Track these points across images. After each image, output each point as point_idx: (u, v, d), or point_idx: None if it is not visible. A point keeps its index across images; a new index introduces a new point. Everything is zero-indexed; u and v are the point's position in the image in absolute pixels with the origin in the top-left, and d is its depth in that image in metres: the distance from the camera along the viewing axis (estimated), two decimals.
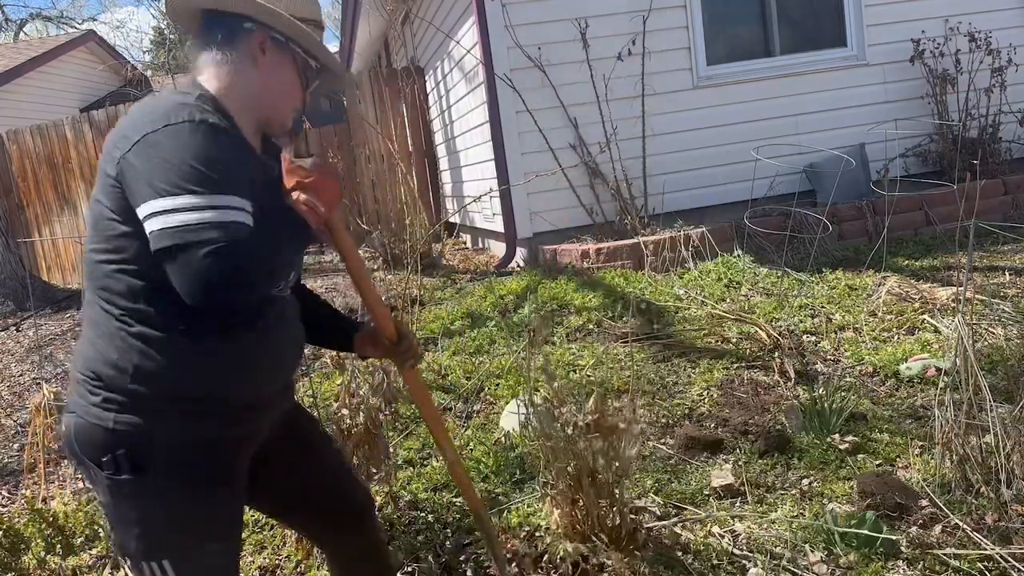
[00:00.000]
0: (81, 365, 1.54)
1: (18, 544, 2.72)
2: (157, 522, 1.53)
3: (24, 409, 4.32)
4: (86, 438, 1.51)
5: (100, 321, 1.50)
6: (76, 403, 1.53)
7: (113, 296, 1.48)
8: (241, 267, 1.34)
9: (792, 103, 6.09)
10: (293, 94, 1.66)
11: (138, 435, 1.48)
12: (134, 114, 1.48)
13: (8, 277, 7.04)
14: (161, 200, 1.33)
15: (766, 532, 2.42)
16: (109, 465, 1.48)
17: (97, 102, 14.63)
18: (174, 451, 1.51)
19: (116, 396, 1.48)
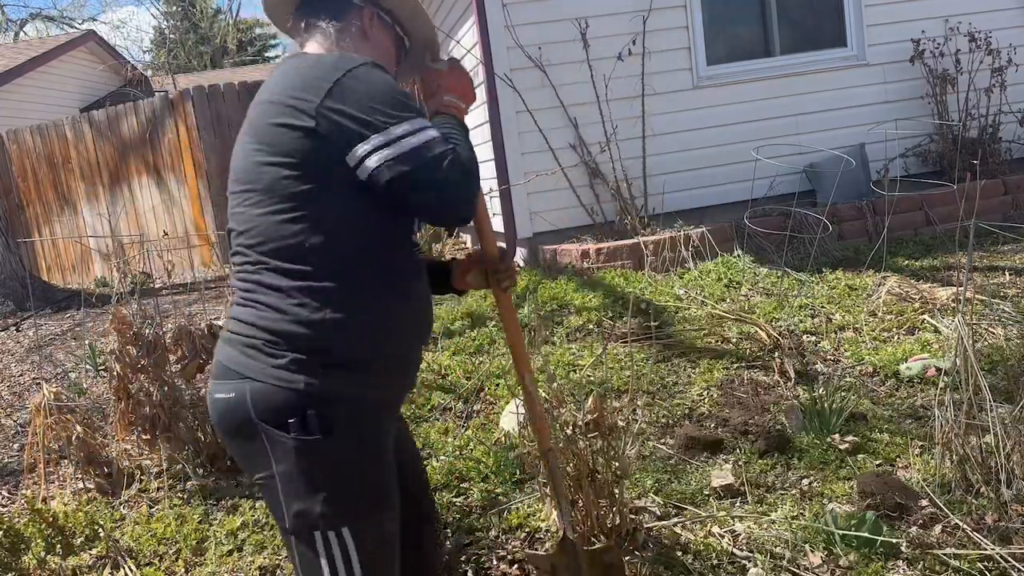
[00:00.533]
0: (253, 329, 1.51)
1: (18, 544, 2.72)
2: (341, 487, 1.50)
3: (24, 409, 4.32)
4: (270, 401, 1.47)
5: (276, 283, 1.49)
6: (250, 367, 1.49)
7: (298, 255, 1.48)
8: (472, 169, 1.50)
9: (792, 103, 6.08)
10: (391, 66, 1.75)
11: (328, 396, 1.47)
12: (297, 73, 1.52)
13: (8, 277, 7.04)
14: (379, 135, 1.43)
15: (766, 532, 2.42)
16: (296, 427, 1.46)
17: (97, 102, 14.63)
18: (357, 412, 1.51)
19: (303, 357, 1.47)
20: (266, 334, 1.49)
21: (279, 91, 1.51)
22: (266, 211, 1.49)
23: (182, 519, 2.91)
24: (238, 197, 1.55)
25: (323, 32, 1.66)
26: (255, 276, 1.52)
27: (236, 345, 1.53)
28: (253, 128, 1.54)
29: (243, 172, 1.54)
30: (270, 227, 1.49)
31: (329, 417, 1.47)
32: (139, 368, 3.23)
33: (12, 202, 9.41)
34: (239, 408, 1.50)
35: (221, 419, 1.56)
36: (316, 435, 1.47)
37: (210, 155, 8.44)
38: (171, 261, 4.26)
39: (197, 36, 30.57)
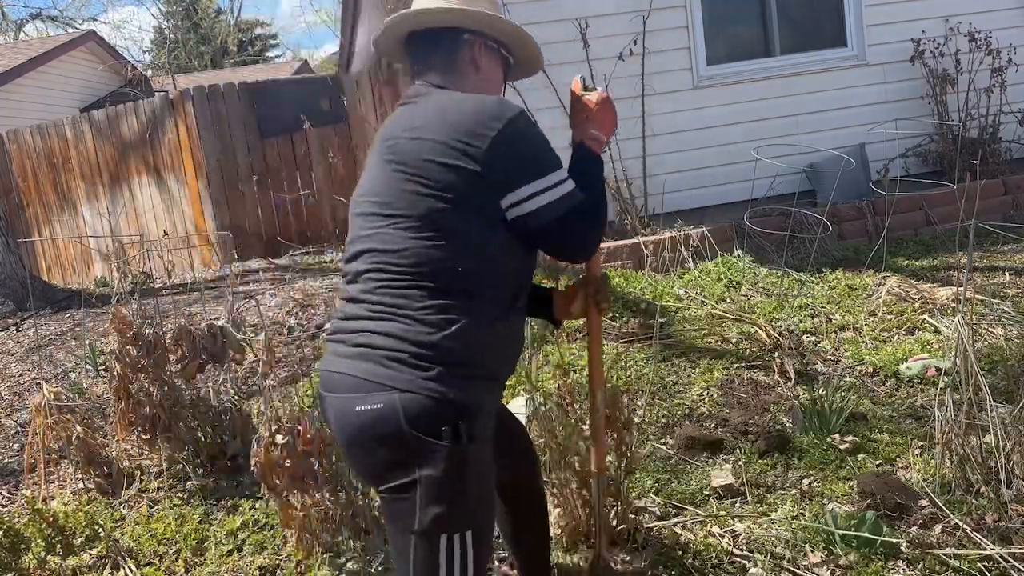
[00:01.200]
0: (400, 342, 1.60)
1: (18, 544, 2.72)
2: (475, 491, 1.63)
3: (24, 409, 4.32)
4: (425, 412, 1.57)
5: (426, 301, 1.62)
6: (398, 379, 1.58)
7: (450, 278, 1.63)
8: (603, 213, 1.78)
9: (792, 103, 6.08)
10: (500, 86, 1.97)
11: (470, 406, 1.61)
12: (455, 113, 1.68)
13: (8, 277, 7.03)
14: (531, 185, 1.65)
15: (766, 532, 2.42)
16: (448, 435, 1.57)
17: (97, 102, 14.62)
18: (486, 421, 1.66)
19: (449, 370, 1.59)
20: (414, 347, 1.60)
21: (440, 130, 1.65)
22: (420, 236, 1.63)
23: (182, 519, 2.91)
24: (385, 220, 1.67)
25: (440, 68, 1.82)
26: (403, 292, 1.63)
27: (373, 359, 1.62)
28: (405, 159, 1.67)
29: (392, 198, 1.67)
30: (424, 251, 1.63)
31: (473, 426, 1.60)
32: (139, 368, 3.23)
33: (12, 202, 9.41)
34: (390, 418, 1.58)
35: (363, 430, 1.62)
36: (465, 443, 1.59)
37: (210, 155, 8.44)
38: (171, 261, 4.26)
39: (197, 36, 30.57)
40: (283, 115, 8.48)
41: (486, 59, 1.87)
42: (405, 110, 1.80)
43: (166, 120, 8.65)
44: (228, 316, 3.41)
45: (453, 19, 1.83)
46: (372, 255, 1.69)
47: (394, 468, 1.62)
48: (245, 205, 8.56)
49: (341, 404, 1.66)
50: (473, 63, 1.85)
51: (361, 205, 1.77)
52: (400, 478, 1.61)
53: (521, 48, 1.95)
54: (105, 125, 9.03)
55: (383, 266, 1.67)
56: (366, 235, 1.71)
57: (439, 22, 1.83)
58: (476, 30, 1.84)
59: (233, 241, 8.12)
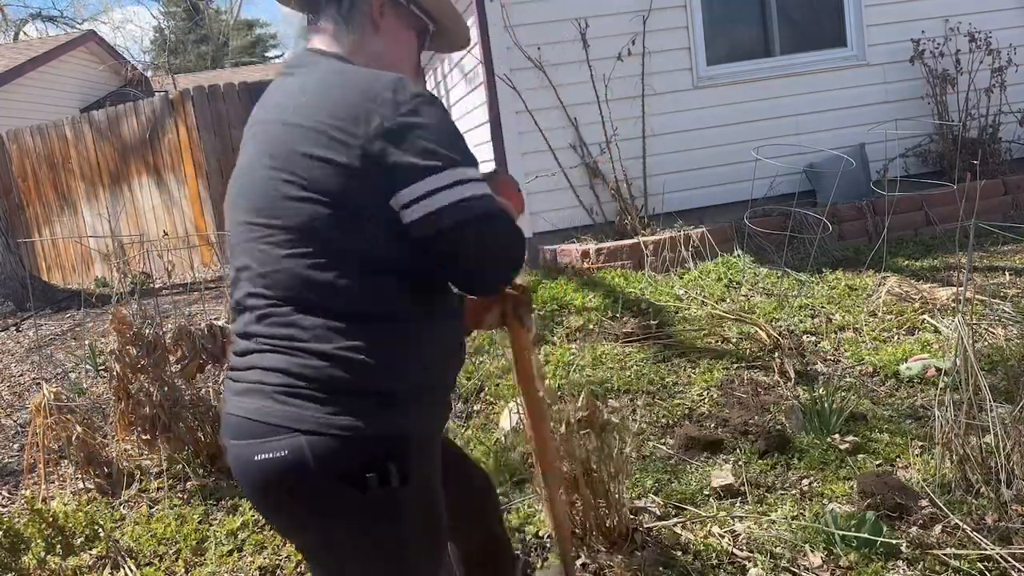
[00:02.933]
0: (291, 377, 1.31)
1: (18, 544, 2.72)
2: (417, 543, 1.36)
3: (24, 409, 4.32)
4: (334, 454, 1.28)
5: (314, 326, 1.31)
6: (301, 417, 1.29)
7: (338, 297, 1.31)
8: (520, 243, 1.38)
9: (792, 103, 6.08)
10: (411, 56, 1.59)
11: (398, 437, 1.32)
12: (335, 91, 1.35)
13: (8, 277, 7.04)
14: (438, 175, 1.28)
15: (766, 532, 2.42)
16: (374, 482, 1.28)
17: (97, 102, 14.63)
18: (421, 452, 1.36)
19: (358, 399, 1.30)
20: (314, 382, 1.30)
21: (315, 113, 1.32)
22: (296, 253, 1.32)
23: (182, 519, 2.91)
24: (256, 231, 1.36)
25: (332, 23, 1.49)
26: (287, 320, 1.33)
27: (269, 396, 1.32)
28: (275, 151, 1.35)
29: (264, 203, 1.36)
30: (303, 272, 1.32)
31: (405, 462, 1.31)
32: (139, 368, 3.23)
33: (12, 202, 9.41)
34: (297, 467, 1.29)
35: (268, 484, 1.33)
36: (396, 486, 1.30)
37: (210, 155, 8.45)
38: (171, 261, 4.26)
39: (197, 36, 30.57)
40: None
41: (392, 20, 1.52)
42: (282, 83, 1.46)
43: (166, 120, 8.65)
44: (228, 316, 3.41)
45: None
46: (249, 276, 1.39)
47: (313, 527, 1.35)
48: None
49: (238, 452, 1.35)
50: (372, 24, 1.49)
51: (233, 207, 1.45)
52: (323, 537, 1.35)
53: (439, 11, 1.59)
54: (105, 125, 9.04)
55: (260, 290, 1.36)
56: (241, 247, 1.41)
57: None
58: None
59: None
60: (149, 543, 2.79)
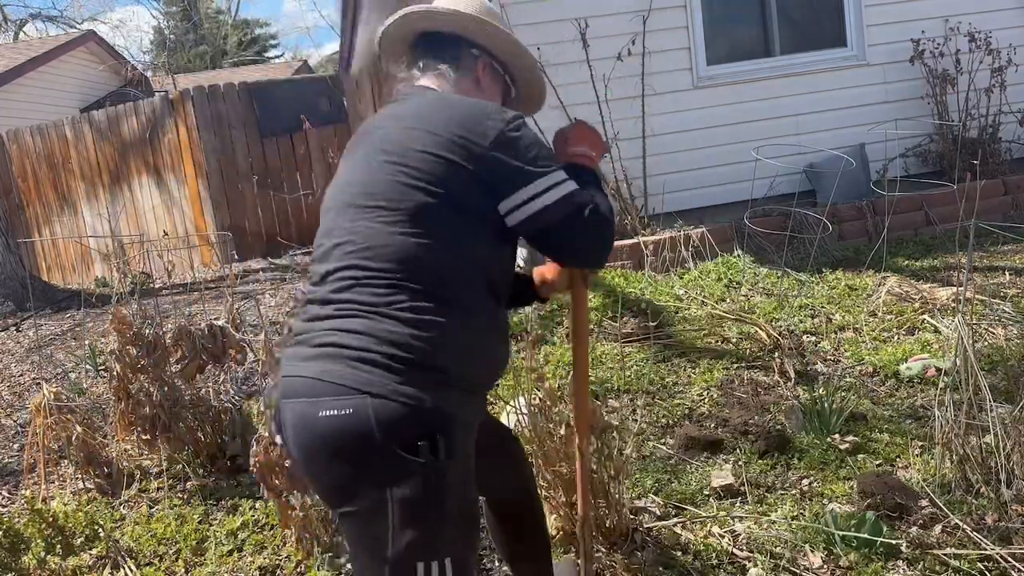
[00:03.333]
0: (374, 342, 1.44)
1: (18, 544, 2.72)
2: (457, 514, 1.46)
3: (24, 409, 4.32)
4: (401, 421, 1.40)
5: (408, 302, 1.48)
6: (371, 382, 1.41)
7: (435, 280, 1.50)
8: (610, 217, 1.63)
9: (792, 103, 6.08)
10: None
11: (451, 417, 1.46)
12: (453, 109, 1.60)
13: (8, 277, 7.04)
14: (530, 187, 1.55)
15: (766, 532, 2.42)
16: (425, 450, 1.40)
17: (97, 102, 14.63)
18: (467, 435, 1.52)
19: (425, 375, 1.44)
20: (389, 347, 1.44)
21: (436, 122, 1.57)
22: (405, 232, 1.51)
23: (182, 519, 2.91)
24: (368, 212, 1.55)
25: (441, 74, 1.75)
26: (378, 291, 1.49)
27: (342, 359, 1.45)
28: (394, 148, 1.57)
29: (378, 189, 1.56)
30: (406, 248, 1.51)
31: (453, 440, 1.44)
32: (139, 368, 3.23)
33: (12, 202, 9.41)
34: (360, 427, 1.40)
35: (327, 439, 1.43)
36: (443, 459, 1.41)
37: (210, 155, 8.44)
38: (171, 261, 4.26)
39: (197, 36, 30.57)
40: (283, 115, 8.48)
41: (489, 80, 1.81)
42: (394, 106, 1.72)
43: (166, 120, 8.65)
44: (228, 316, 3.41)
45: (463, 25, 1.75)
46: (348, 250, 1.54)
47: (361, 486, 1.44)
48: (245, 205, 8.56)
49: (302, 409, 1.46)
50: (475, 80, 1.78)
51: (337, 197, 1.64)
52: (368, 498, 1.43)
53: (526, 83, 1.91)
54: (105, 125, 9.04)
55: (359, 262, 1.52)
56: (344, 227, 1.57)
57: (451, 25, 1.75)
58: (486, 48, 1.78)
59: (233, 241, 8.12)
60: (149, 543, 2.79)
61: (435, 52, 1.77)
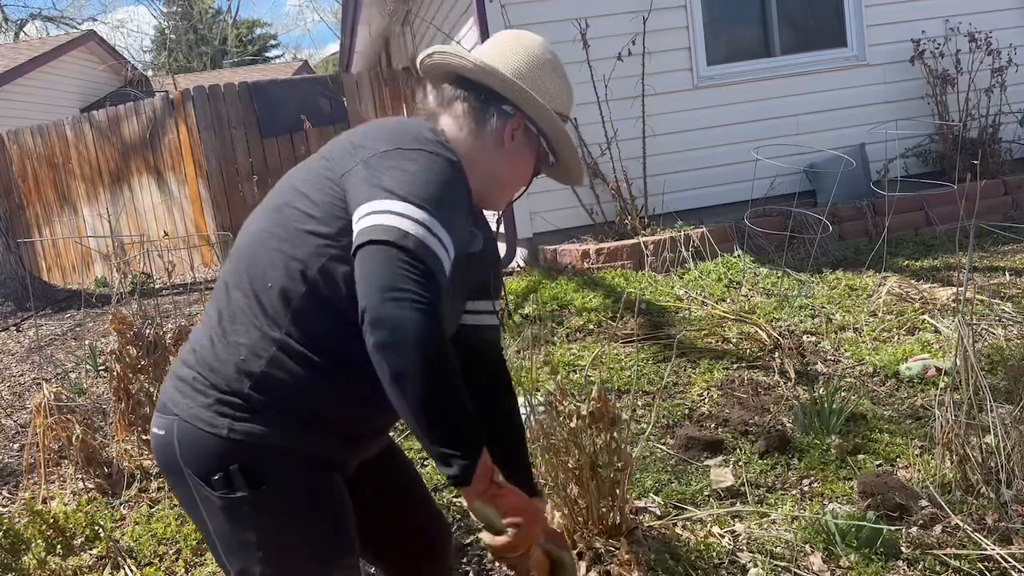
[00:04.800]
0: (195, 360, 1.38)
1: (18, 545, 2.72)
2: (280, 545, 1.38)
3: (24, 409, 4.32)
4: (194, 448, 1.34)
5: (244, 316, 1.35)
6: (180, 404, 1.36)
7: (279, 295, 1.33)
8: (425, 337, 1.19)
9: (792, 103, 6.08)
10: (522, 180, 1.61)
11: (261, 447, 1.33)
12: (377, 129, 1.42)
13: (8, 277, 7.04)
14: (392, 202, 1.24)
15: (766, 532, 2.42)
16: (221, 484, 1.32)
17: (97, 102, 14.64)
18: (292, 470, 1.37)
19: (234, 398, 1.33)
20: (200, 366, 1.36)
21: (351, 140, 1.41)
22: (274, 240, 1.38)
23: (182, 519, 2.91)
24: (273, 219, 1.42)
25: (457, 117, 1.52)
26: (229, 299, 1.39)
27: (171, 377, 1.42)
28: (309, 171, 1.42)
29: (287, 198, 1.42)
30: (271, 256, 1.36)
31: (257, 469, 1.33)
32: (139, 368, 3.23)
33: (12, 202, 9.41)
34: (168, 450, 1.38)
35: (158, 458, 1.45)
36: (243, 492, 1.32)
37: (211, 155, 8.44)
38: (171, 261, 4.27)
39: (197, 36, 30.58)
40: (283, 115, 8.48)
41: (520, 141, 1.54)
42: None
43: (166, 120, 8.65)
44: None
45: (498, 82, 1.50)
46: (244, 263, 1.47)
47: (192, 510, 1.44)
48: (245, 205, 8.56)
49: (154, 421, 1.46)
50: (500, 140, 1.52)
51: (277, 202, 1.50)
52: (199, 523, 1.44)
53: (563, 160, 1.62)
54: (105, 125, 9.04)
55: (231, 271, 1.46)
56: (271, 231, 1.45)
57: (483, 79, 1.51)
58: (521, 109, 1.52)
59: (233, 241, 8.11)
60: (149, 543, 2.79)
61: (466, 93, 1.52)
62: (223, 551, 1.42)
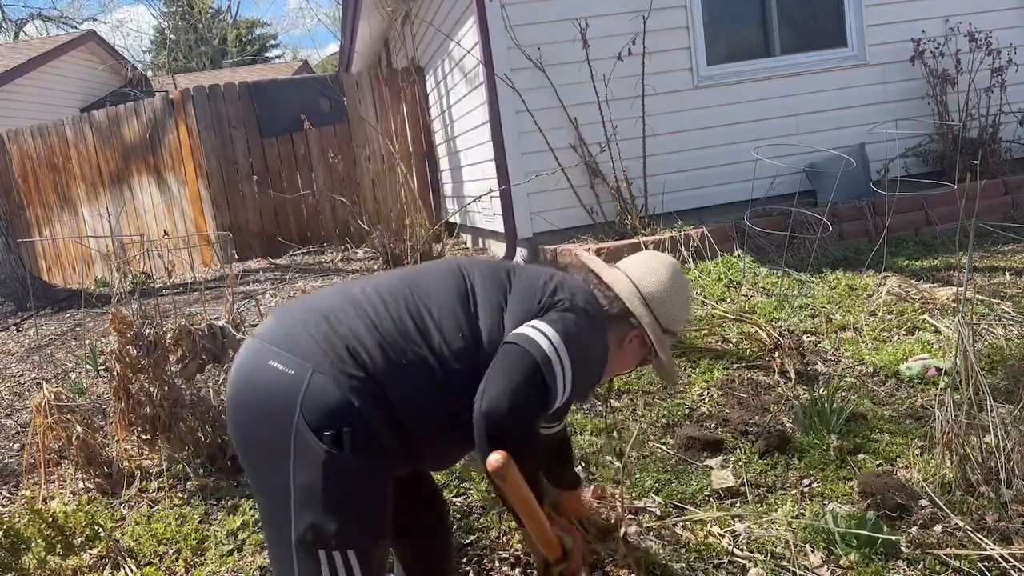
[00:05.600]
0: (353, 340, 1.56)
1: (18, 544, 2.72)
2: (357, 510, 1.53)
3: (24, 409, 4.32)
4: (324, 400, 1.49)
5: (402, 343, 1.59)
6: (322, 361, 1.52)
7: (433, 351, 1.60)
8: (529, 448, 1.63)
9: (792, 103, 6.08)
10: (626, 370, 2.03)
11: (369, 424, 1.51)
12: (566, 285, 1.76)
13: (8, 277, 7.04)
14: (546, 329, 1.61)
15: (766, 532, 2.42)
16: (330, 440, 1.47)
17: (97, 102, 14.64)
18: (376, 450, 1.55)
19: (370, 385, 1.52)
20: (354, 350, 1.55)
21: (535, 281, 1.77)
22: (443, 316, 1.65)
23: (182, 519, 2.91)
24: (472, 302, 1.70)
25: (594, 308, 1.79)
26: (403, 314, 1.64)
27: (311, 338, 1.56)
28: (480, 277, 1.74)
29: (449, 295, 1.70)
30: (438, 328, 1.64)
31: (363, 439, 1.50)
32: (139, 368, 3.23)
33: (12, 202, 9.40)
34: (289, 390, 1.50)
35: (258, 391, 1.55)
36: (347, 453, 1.48)
37: (211, 155, 8.44)
38: (171, 261, 4.26)
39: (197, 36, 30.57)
40: (283, 115, 8.48)
41: (634, 347, 1.89)
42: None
43: (166, 120, 8.65)
44: (228, 316, 3.41)
45: (632, 304, 1.83)
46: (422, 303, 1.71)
47: (270, 454, 1.53)
48: (245, 205, 8.56)
49: (257, 349, 1.59)
50: (620, 342, 1.86)
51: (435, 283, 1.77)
52: (273, 469, 1.53)
53: (666, 363, 1.92)
54: (105, 125, 9.03)
55: (418, 311, 1.68)
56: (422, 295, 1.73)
57: (621, 295, 1.84)
58: (643, 326, 1.84)
59: (233, 241, 8.12)
60: (149, 543, 2.79)
61: (603, 293, 1.85)
62: (299, 502, 1.50)
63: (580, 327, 1.66)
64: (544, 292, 1.71)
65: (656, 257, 1.93)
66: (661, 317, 1.84)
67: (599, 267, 1.88)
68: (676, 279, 1.88)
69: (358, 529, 1.54)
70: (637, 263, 1.90)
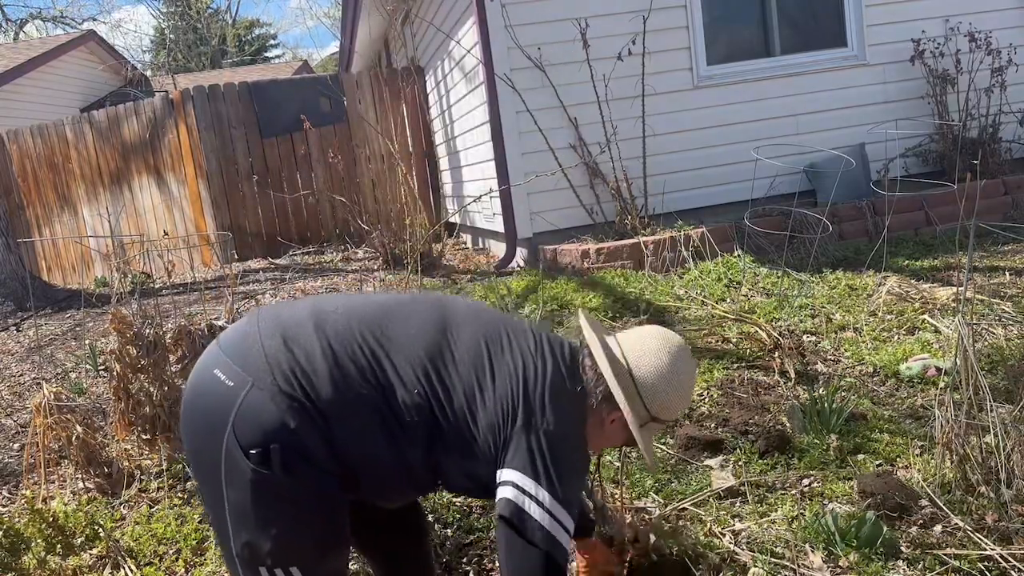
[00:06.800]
0: (304, 362, 1.50)
1: (18, 544, 2.72)
2: (293, 527, 1.49)
3: (24, 409, 4.32)
4: (254, 417, 1.44)
5: (356, 379, 1.52)
6: (263, 378, 1.46)
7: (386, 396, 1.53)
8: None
9: (792, 103, 6.08)
10: (607, 447, 1.93)
11: (302, 445, 1.46)
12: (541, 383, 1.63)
13: (8, 277, 7.04)
14: (537, 493, 1.54)
15: (766, 532, 2.42)
16: (257, 459, 1.42)
17: (97, 102, 14.64)
18: (310, 470, 1.49)
19: (306, 410, 1.46)
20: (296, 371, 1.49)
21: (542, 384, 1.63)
22: (406, 365, 1.57)
23: (182, 519, 2.91)
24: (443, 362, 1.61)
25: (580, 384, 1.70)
26: (372, 364, 1.56)
27: (262, 355, 1.52)
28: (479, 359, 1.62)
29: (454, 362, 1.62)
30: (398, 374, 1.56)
31: (295, 458, 1.45)
32: (139, 368, 3.23)
33: (12, 202, 9.40)
34: (226, 401, 1.46)
35: (200, 402, 1.53)
36: (276, 472, 1.43)
37: (210, 155, 8.44)
38: (171, 261, 4.26)
39: (196, 36, 30.57)
40: (283, 115, 8.48)
41: (616, 428, 1.75)
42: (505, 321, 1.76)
43: (166, 120, 8.65)
44: (228, 316, 3.41)
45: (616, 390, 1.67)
46: (421, 351, 1.64)
47: (204, 466, 1.51)
48: (245, 205, 8.56)
49: (211, 356, 1.56)
50: (601, 421, 1.72)
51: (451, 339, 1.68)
52: (208, 483, 1.50)
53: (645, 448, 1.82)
54: (105, 125, 9.03)
55: (396, 357, 1.60)
56: (426, 350, 1.65)
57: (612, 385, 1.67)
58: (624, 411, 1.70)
59: (233, 241, 8.12)
60: (149, 543, 2.79)
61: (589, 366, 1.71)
62: (232, 520, 1.47)
63: (562, 456, 1.58)
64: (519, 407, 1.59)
65: (661, 337, 1.76)
66: (651, 405, 1.70)
67: (593, 340, 1.72)
68: (677, 365, 1.71)
69: (297, 546, 1.51)
70: (639, 340, 1.75)
